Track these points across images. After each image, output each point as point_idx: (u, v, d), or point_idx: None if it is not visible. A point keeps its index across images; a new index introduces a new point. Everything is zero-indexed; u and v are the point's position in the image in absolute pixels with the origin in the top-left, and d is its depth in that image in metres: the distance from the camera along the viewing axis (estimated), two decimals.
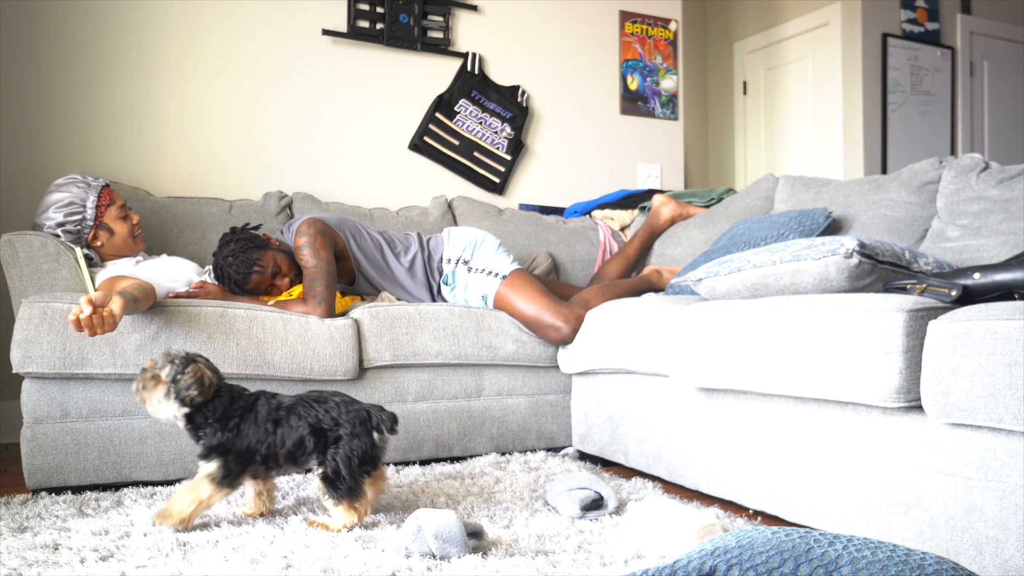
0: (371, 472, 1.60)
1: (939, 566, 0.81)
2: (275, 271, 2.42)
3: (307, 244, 2.35)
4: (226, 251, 2.37)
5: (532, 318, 2.47)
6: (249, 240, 2.39)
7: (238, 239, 2.38)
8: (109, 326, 1.72)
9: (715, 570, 0.86)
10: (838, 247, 1.66)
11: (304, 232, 2.38)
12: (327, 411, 1.60)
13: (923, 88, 4.90)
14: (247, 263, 2.35)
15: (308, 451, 1.59)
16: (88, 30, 2.92)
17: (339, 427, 1.58)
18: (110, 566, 1.35)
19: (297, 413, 1.60)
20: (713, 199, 3.12)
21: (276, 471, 1.64)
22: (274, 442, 1.59)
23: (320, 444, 1.58)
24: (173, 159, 3.04)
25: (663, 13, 4.08)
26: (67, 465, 1.96)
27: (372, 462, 1.59)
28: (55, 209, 2.26)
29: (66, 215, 2.26)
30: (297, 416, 1.60)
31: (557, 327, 2.43)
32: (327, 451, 1.57)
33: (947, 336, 1.31)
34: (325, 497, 1.57)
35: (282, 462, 1.61)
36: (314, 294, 2.27)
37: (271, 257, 2.41)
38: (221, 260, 2.37)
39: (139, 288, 1.93)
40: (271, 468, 1.62)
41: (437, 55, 3.51)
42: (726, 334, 1.78)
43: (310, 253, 2.34)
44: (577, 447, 2.50)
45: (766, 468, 1.73)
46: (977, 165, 2.07)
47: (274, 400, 1.63)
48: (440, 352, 2.33)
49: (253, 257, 2.37)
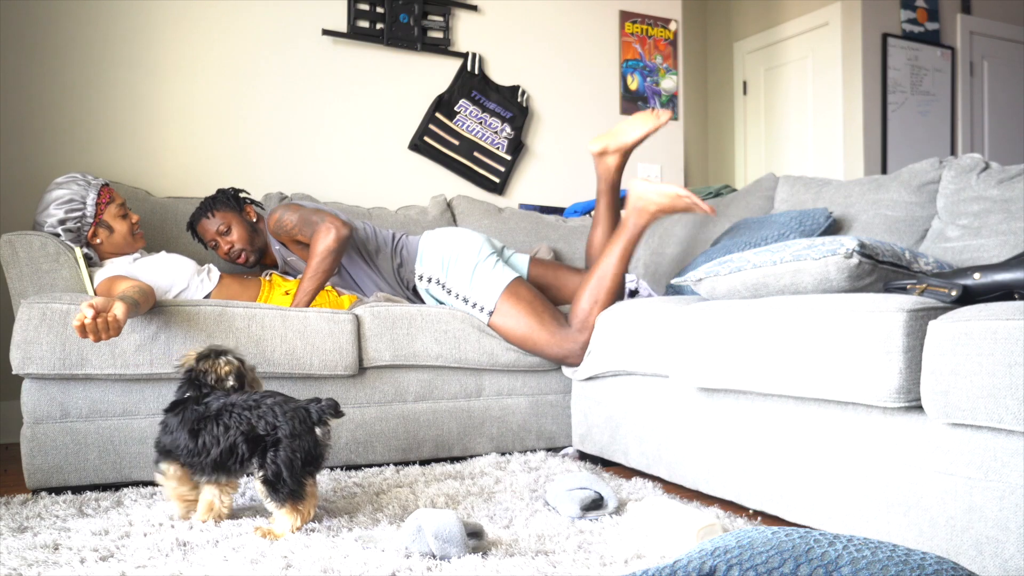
0: (315, 472, 1.58)
1: (939, 566, 0.81)
2: (222, 229, 2.53)
3: (280, 211, 2.50)
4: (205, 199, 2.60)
5: (532, 353, 2.43)
6: (225, 196, 2.57)
7: (221, 192, 2.58)
8: (113, 331, 1.73)
9: (715, 570, 0.86)
10: (838, 247, 1.66)
11: (274, 210, 2.53)
12: (260, 416, 1.54)
13: (923, 88, 4.90)
14: (204, 207, 2.54)
15: (244, 458, 1.54)
16: (88, 30, 2.92)
17: (277, 430, 1.53)
18: (110, 566, 1.35)
19: (223, 422, 1.55)
20: (711, 193, 3.12)
21: (206, 478, 1.60)
22: (195, 449, 1.56)
23: (259, 449, 1.54)
24: (173, 159, 3.04)
25: (663, 13, 4.08)
26: (67, 465, 1.96)
27: (316, 461, 1.57)
28: (56, 206, 2.26)
29: (67, 211, 2.27)
30: (223, 426, 1.55)
31: (562, 358, 2.41)
32: (267, 455, 1.53)
33: (947, 336, 1.31)
34: (267, 501, 1.54)
35: (208, 471, 1.57)
36: (324, 224, 2.37)
37: (227, 216, 2.54)
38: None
39: (139, 291, 1.93)
40: (198, 475, 1.59)
41: (437, 55, 3.51)
42: (726, 334, 1.77)
43: (286, 212, 2.48)
44: (577, 447, 2.50)
45: (766, 468, 1.73)
46: (977, 165, 2.07)
47: (201, 407, 1.60)
48: (440, 355, 2.33)
49: (213, 205, 2.54)
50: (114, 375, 1.97)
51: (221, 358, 1.68)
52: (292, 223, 2.46)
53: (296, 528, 1.54)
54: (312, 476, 1.58)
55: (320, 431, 1.58)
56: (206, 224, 2.54)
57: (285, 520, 1.53)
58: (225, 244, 2.53)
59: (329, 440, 1.61)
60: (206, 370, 1.66)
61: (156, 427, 2.02)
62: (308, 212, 2.46)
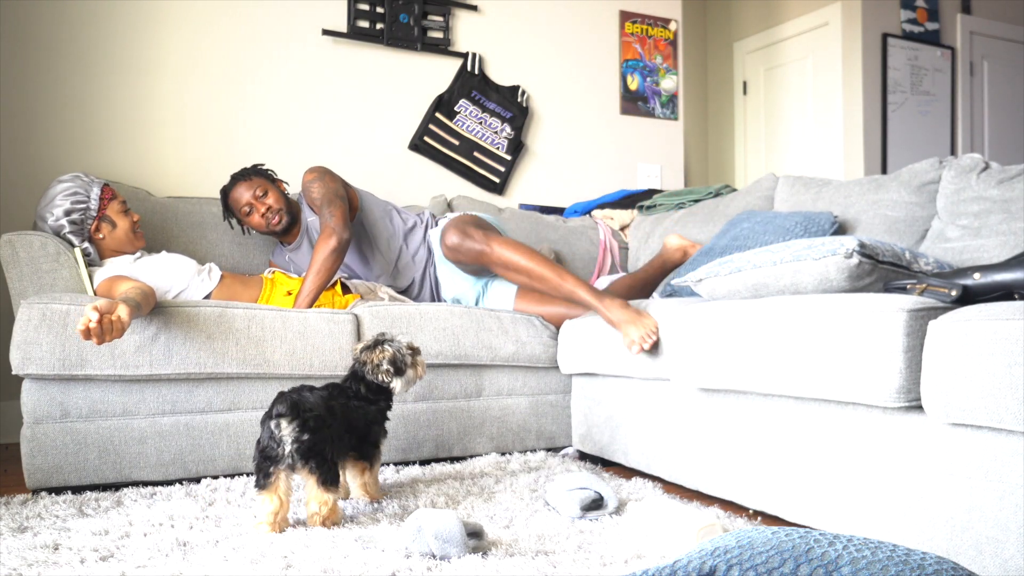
0: (269, 467, 1.53)
1: (939, 566, 0.81)
2: (259, 193, 2.59)
3: (317, 178, 2.55)
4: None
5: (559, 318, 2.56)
6: (257, 169, 2.67)
7: (253, 167, 2.67)
8: (117, 332, 1.73)
9: (715, 570, 0.86)
10: (838, 247, 1.66)
11: (313, 170, 2.58)
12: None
13: (923, 88, 4.90)
14: (239, 175, 2.62)
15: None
16: (88, 30, 2.92)
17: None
18: (110, 566, 1.35)
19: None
20: (711, 193, 3.12)
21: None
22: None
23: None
24: (173, 159, 3.04)
25: (663, 13, 4.08)
26: (67, 465, 1.96)
27: (265, 453, 1.53)
28: (61, 197, 2.27)
29: (72, 203, 2.28)
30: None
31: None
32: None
33: (947, 336, 1.31)
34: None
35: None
36: (330, 224, 2.43)
37: (263, 182, 2.62)
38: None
39: (140, 293, 1.93)
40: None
41: (437, 55, 3.51)
42: (726, 334, 1.77)
43: (319, 184, 2.53)
44: (577, 447, 2.50)
45: (766, 468, 1.73)
46: (977, 165, 2.07)
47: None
48: (440, 352, 2.33)
49: (249, 173, 2.62)
50: (114, 376, 1.97)
51: (376, 348, 1.77)
52: (313, 195, 2.53)
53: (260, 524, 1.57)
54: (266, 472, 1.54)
55: (272, 426, 1.54)
56: (241, 190, 2.59)
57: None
58: (261, 206, 2.59)
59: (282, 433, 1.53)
60: (365, 361, 1.77)
61: (155, 427, 2.04)
62: (331, 196, 2.51)
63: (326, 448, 1.56)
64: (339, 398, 1.73)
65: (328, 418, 1.61)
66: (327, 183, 2.53)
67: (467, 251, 2.43)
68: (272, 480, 1.54)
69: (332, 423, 1.62)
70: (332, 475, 1.57)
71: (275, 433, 1.53)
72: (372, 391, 1.79)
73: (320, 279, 2.38)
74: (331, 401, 1.67)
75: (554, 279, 2.29)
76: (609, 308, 2.14)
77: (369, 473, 1.79)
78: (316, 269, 2.38)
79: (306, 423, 1.54)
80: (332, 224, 2.43)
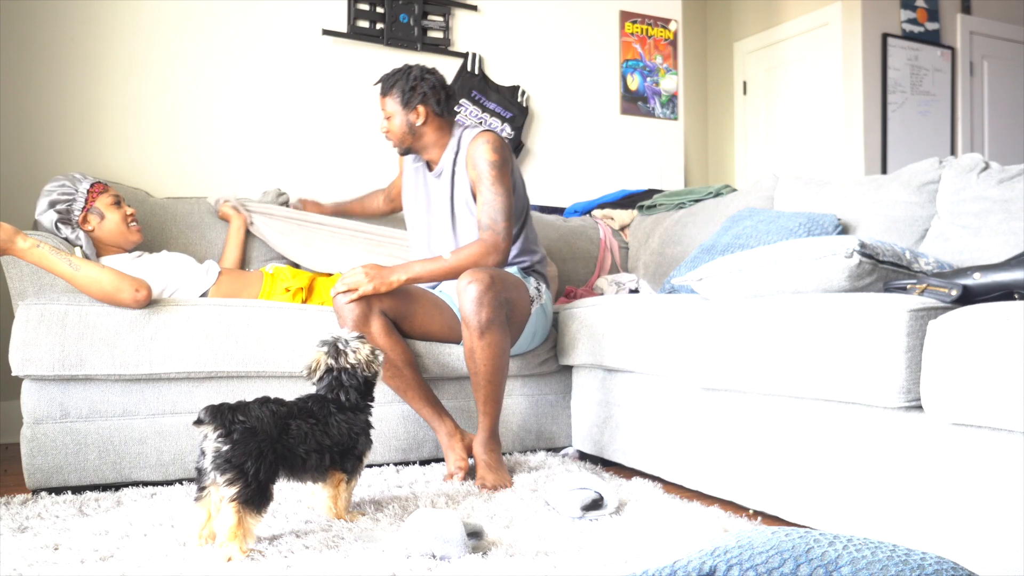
0: (202, 479, 1.41)
1: (939, 566, 0.81)
2: (386, 115, 2.29)
3: (501, 164, 2.17)
4: (414, 70, 2.28)
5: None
6: (406, 84, 2.27)
7: (404, 76, 2.27)
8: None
9: (715, 570, 0.86)
10: (838, 247, 1.66)
11: (500, 149, 2.19)
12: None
13: (923, 88, 4.90)
14: (388, 78, 2.28)
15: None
16: (87, 30, 2.92)
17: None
18: (110, 566, 1.35)
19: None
20: (711, 193, 3.11)
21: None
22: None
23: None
24: (173, 160, 3.04)
25: (663, 13, 4.08)
26: (67, 465, 1.96)
27: (197, 463, 1.43)
28: (50, 189, 2.32)
29: (59, 195, 2.32)
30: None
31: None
32: None
33: (947, 336, 1.31)
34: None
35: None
36: (496, 229, 2.12)
37: (394, 107, 2.28)
38: (417, 73, 2.26)
39: (81, 259, 1.99)
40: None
41: (437, 55, 3.51)
42: (726, 334, 1.77)
43: (498, 176, 2.15)
44: (577, 447, 2.50)
45: (766, 468, 1.73)
46: (977, 165, 2.07)
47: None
48: (441, 352, 2.33)
49: (391, 85, 2.26)
50: (113, 375, 1.97)
51: (349, 350, 1.70)
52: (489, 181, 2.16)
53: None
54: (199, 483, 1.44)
55: (201, 439, 1.44)
56: (383, 99, 2.29)
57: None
58: (384, 126, 2.30)
59: (210, 446, 1.42)
60: (355, 364, 1.69)
61: (155, 427, 2.03)
62: (499, 203, 2.15)
63: (247, 462, 1.38)
64: (319, 412, 1.59)
65: (264, 430, 1.43)
66: (504, 180, 2.16)
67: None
68: (205, 493, 1.42)
69: (266, 437, 1.43)
70: (252, 494, 1.38)
71: (200, 443, 1.43)
72: (361, 394, 1.68)
73: (435, 276, 2.14)
74: (295, 416, 1.52)
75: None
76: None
77: (345, 486, 1.64)
78: (444, 267, 2.11)
79: (229, 433, 1.39)
80: (504, 245, 2.14)
